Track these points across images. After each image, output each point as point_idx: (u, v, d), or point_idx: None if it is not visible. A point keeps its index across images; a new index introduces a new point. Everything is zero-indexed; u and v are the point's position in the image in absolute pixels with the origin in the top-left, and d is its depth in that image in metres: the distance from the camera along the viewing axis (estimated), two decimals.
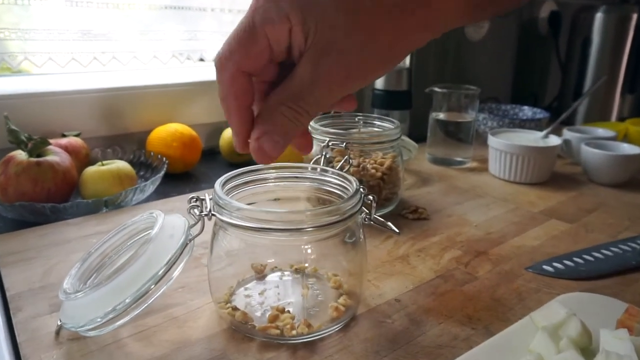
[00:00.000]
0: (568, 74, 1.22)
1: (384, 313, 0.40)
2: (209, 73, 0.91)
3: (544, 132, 0.78)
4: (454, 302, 0.42)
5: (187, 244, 0.36)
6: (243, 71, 0.29)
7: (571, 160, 0.85)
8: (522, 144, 0.73)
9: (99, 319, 0.34)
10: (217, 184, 0.37)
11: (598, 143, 0.77)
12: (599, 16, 1.12)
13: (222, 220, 0.35)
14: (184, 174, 0.80)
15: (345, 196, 0.38)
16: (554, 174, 0.77)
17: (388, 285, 0.44)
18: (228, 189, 0.38)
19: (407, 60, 1.00)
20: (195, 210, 0.36)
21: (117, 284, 0.34)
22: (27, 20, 0.69)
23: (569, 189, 0.72)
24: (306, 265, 0.42)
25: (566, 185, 0.74)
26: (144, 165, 0.76)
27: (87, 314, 0.34)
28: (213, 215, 0.35)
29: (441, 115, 0.84)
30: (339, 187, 0.40)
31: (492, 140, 0.76)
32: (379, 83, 0.92)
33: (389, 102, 0.92)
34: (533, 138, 0.78)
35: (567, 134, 0.85)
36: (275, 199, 0.41)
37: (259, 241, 0.37)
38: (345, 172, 0.42)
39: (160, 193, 0.69)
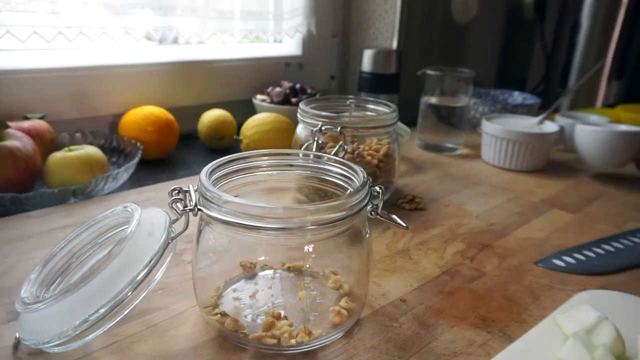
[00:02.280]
0: (555, 59, 1.20)
1: (389, 316, 0.36)
2: (186, 53, 0.85)
3: (540, 118, 0.76)
4: (464, 302, 0.38)
5: (169, 242, 0.31)
6: None
7: (564, 147, 0.83)
8: (518, 129, 0.70)
9: (66, 334, 0.29)
10: (203, 173, 0.32)
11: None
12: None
13: (209, 216, 0.30)
14: (160, 160, 0.74)
15: (349, 187, 0.33)
16: (548, 161, 0.74)
17: (391, 284, 0.41)
18: (215, 179, 0.34)
19: (395, 42, 0.96)
20: (179, 205, 0.31)
21: (88, 291, 0.29)
22: None
23: (567, 176, 0.70)
24: (307, 266, 0.37)
25: (563, 173, 0.71)
26: (116, 151, 0.70)
27: (52, 328, 0.29)
28: (199, 210, 0.31)
29: (433, 100, 0.80)
30: (341, 177, 0.36)
31: (487, 126, 0.73)
32: (367, 65, 0.88)
33: (377, 85, 0.88)
34: (529, 124, 0.75)
35: (560, 120, 0.82)
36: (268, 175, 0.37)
37: (251, 239, 0.33)
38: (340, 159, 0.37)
39: (135, 181, 0.64)
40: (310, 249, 0.33)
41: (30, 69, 0.69)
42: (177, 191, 0.31)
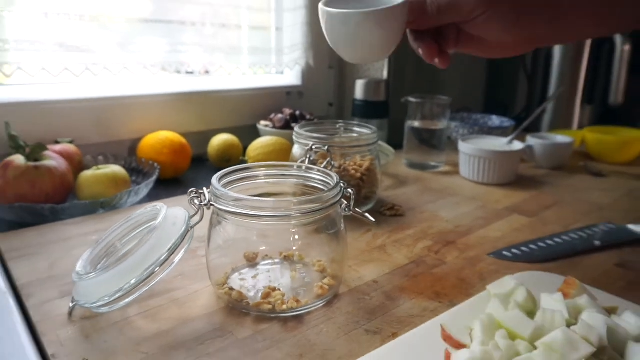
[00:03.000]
0: (533, 87, 1.31)
1: (363, 292, 0.45)
2: (196, 84, 0.96)
3: (509, 138, 0.85)
4: (424, 282, 0.47)
5: (188, 231, 0.40)
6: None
7: (535, 164, 0.92)
8: (489, 148, 0.80)
9: (107, 297, 0.38)
10: (214, 178, 0.42)
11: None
12: None
13: (219, 209, 0.40)
14: (174, 179, 0.84)
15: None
16: (518, 176, 0.84)
17: (367, 270, 0.50)
18: (223, 184, 0.43)
19: (385, 72, 1.07)
20: (196, 201, 0.40)
21: (125, 266, 0.38)
22: (21, 33, 0.72)
23: (531, 188, 0.79)
24: (294, 249, 0.46)
25: (529, 185, 0.81)
26: (135, 171, 0.80)
27: (97, 293, 0.38)
28: (212, 205, 0.40)
29: (416, 123, 0.91)
30: (321, 182, 0.46)
31: (462, 146, 0.83)
32: (359, 94, 0.98)
33: (368, 111, 0.98)
34: (499, 144, 0.85)
35: (530, 140, 0.92)
36: (265, 182, 0.46)
37: (251, 228, 0.42)
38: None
39: (153, 197, 0.73)
40: (297, 236, 0.42)
41: (61, 100, 0.80)
42: (194, 191, 0.41)
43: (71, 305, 0.40)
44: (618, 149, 0.95)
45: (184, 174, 0.86)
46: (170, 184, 0.81)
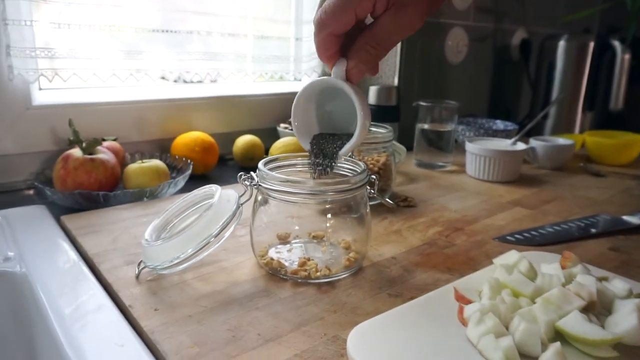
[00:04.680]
0: (537, 94, 1.38)
1: (384, 265, 0.53)
2: (223, 90, 1.04)
3: (513, 139, 0.93)
4: (437, 260, 0.55)
5: (239, 208, 0.48)
6: (333, 34, 0.43)
7: (536, 165, 0.99)
8: (494, 148, 0.87)
9: (167, 262, 0.46)
10: (261, 164, 0.50)
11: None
12: (561, 44, 1.29)
13: (266, 189, 0.47)
14: (203, 175, 0.92)
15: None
16: (521, 175, 0.91)
17: (386, 249, 0.57)
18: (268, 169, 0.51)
19: (396, 79, 1.15)
20: (247, 182, 0.48)
21: (186, 236, 0.46)
22: (74, 42, 0.81)
23: (533, 186, 0.86)
24: (327, 225, 0.53)
25: (530, 183, 0.88)
26: (170, 167, 0.87)
27: (162, 257, 0.46)
28: (260, 185, 0.48)
29: (425, 126, 0.98)
30: (349, 170, 0.53)
31: (469, 146, 0.90)
32: (372, 99, 1.06)
33: (380, 115, 1.06)
34: (503, 144, 0.92)
35: (533, 142, 0.99)
36: (299, 171, 0.54)
37: (289, 208, 0.49)
38: None
39: (186, 191, 0.80)
40: (330, 215, 0.50)
41: (106, 102, 0.88)
42: (244, 174, 0.49)
43: (139, 268, 0.48)
44: (617, 152, 1.02)
45: (212, 171, 0.93)
46: (200, 179, 0.89)
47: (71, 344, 0.38)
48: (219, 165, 0.97)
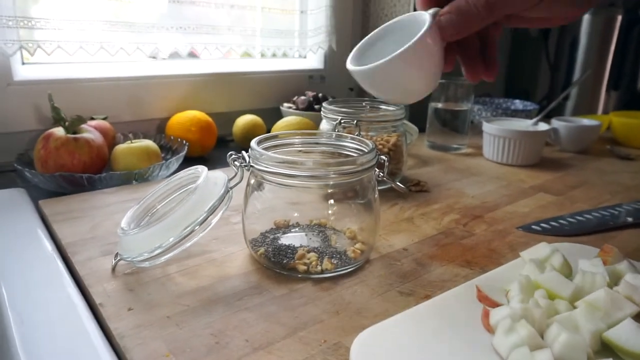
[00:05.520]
0: (557, 72, 1.30)
1: (394, 258, 0.46)
2: (222, 66, 0.98)
3: (534, 120, 0.85)
4: (454, 251, 0.48)
5: (227, 192, 0.42)
6: None
7: (559, 147, 0.92)
8: (514, 129, 0.80)
9: (146, 253, 0.40)
10: (253, 142, 0.43)
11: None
12: (586, 17, 1.20)
13: (259, 170, 0.41)
14: (200, 157, 0.85)
15: None
16: (543, 159, 0.84)
17: (396, 239, 0.51)
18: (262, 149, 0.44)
19: None
20: (237, 162, 0.42)
21: (166, 224, 0.40)
22: (60, 12, 0.74)
23: (556, 170, 0.79)
24: (329, 212, 0.47)
25: (553, 167, 0.80)
26: (164, 148, 0.82)
27: (140, 248, 0.40)
28: (251, 166, 0.42)
29: (439, 105, 0.91)
30: (355, 150, 0.47)
31: (487, 126, 0.83)
32: None
33: None
34: (524, 125, 0.85)
35: (555, 123, 0.91)
36: (299, 151, 0.47)
37: (287, 193, 0.43)
38: None
39: None
40: (332, 201, 0.44)
41: (96, 78, 0.82)
42: (234, 154, 0.42)
43: (115, 260, 0.42)
44: None
45: (209, 153, 0.87)
46: (197, 161, 0.82)
47: (29, 351, 0.32)
48: (218, 146, 0.90)
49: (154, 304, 0.38)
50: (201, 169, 0.43)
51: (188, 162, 0.80)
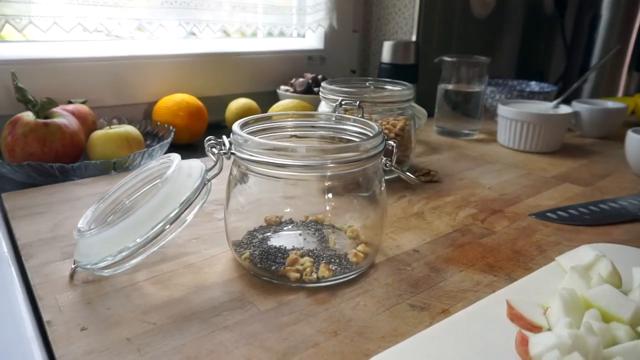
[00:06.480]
0: (574, 52, 1.21)
1: (403, 262, 0.40)
2: (214, 45, 0.90)
3: (555, 102, 0.78)
4: (473, 253, 0.41)
5: (204, 184, 0.35)
6: None
7: (579, 132, 0.84)
8: (533, 112, 0.73)
9: (110, 258, 0.33)
10: (235, 125, 0.36)
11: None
12: None
13: (242, 159, 0.34)
14: (190, 145, 0.79)
15: None
16: (563, 145, 0.76)
17: (405, 238, 0.44)
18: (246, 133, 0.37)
19: (414, 35, 1.00)
20: (214, 149, 0.35)
21: (131, 222, 0.33)
22: None
23: (580, 157, 0.72)
24: (327, 209, 0.40)
25: (577, 154, 0.73)
26: (150, 134, 0.75)
27: (101, 252, 0.33)
28: (232, 154, 0.35)
29: (450, 86, 0.83)
30: (358, 135, 0.40)
31: (502, 109, 0.75)
32: (386, 56, 0.91)
33: (396, 75, 0.91)
34: (544, 107, 0.77)
35: (576, 106, 0.84)
36: (292, 136, 0.40)
37: (277, 185, 0.36)
38: None
39: None
40: (330, 195, 0.37)
41: (73, 58, 0.74)
42: (212, 139, 0.35)
43: (72, 266, 0.36)
44: None
45: (199, 139, 0.80)
46: (185, 149, 0.76)
47: None
48: (210, 133, 0.83)
49: (112, 321, 0.31)
50: (173, 157, 0.36)
51: (175, 149, 0.73)
